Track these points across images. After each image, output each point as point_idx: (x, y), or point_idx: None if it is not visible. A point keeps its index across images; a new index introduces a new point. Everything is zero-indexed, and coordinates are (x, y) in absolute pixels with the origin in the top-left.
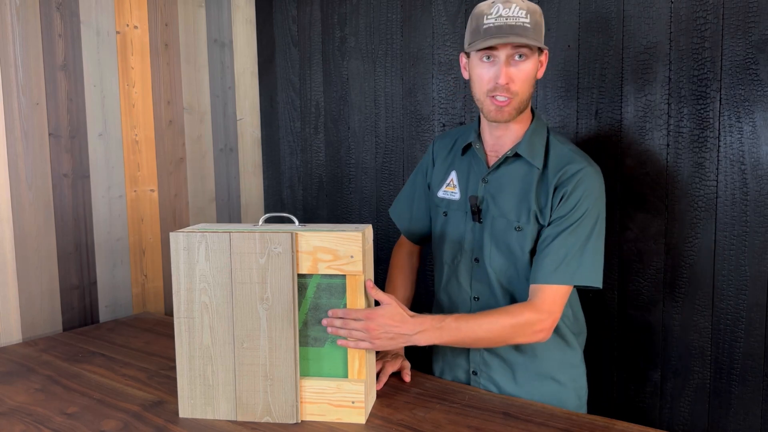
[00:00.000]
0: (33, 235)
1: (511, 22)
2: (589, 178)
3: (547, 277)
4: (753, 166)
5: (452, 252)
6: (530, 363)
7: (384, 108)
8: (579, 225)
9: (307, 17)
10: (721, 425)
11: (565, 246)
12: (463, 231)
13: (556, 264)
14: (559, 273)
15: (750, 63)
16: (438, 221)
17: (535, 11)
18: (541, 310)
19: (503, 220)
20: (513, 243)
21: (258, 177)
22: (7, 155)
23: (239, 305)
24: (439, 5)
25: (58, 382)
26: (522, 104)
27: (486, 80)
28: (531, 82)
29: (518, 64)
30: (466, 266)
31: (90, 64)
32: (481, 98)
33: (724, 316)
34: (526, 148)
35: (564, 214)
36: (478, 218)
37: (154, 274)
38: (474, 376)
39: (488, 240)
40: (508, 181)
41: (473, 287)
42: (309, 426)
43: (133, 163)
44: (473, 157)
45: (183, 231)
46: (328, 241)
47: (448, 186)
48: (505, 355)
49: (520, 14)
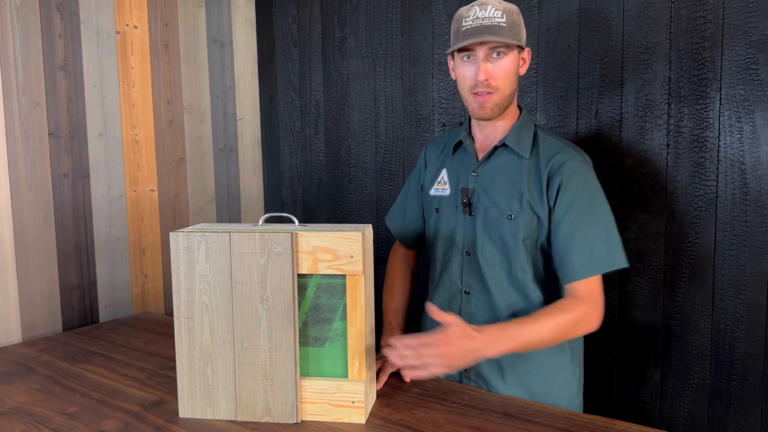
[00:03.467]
0: (33, 235)
1: (487, 23)
2: (582, 165)
3: (583, 272)
4: (753, 166)
5: (444, 247)
6: (517, 359)
7: (384, 108)
8: (594, 212)
9: (307, 17)
10: (721, 425)
11: (589, 237)
12: (454, 225)
13: (588, 257)
14: (593, 265)
15: (750, 63)
16: (431, 219)
17: (511, 11)
18: (589, 301)
19: (495, 210)
20: (506, 232)
21: (258, 177)
22: (7, 155)
23: (239, 305)
24: (439, 5)
25: (58, 382)
26: (504, 100)
27: (468, 78)
28: (512, 78)
29: (496, 61)
30: (457, 260)
31: (90, 64)
32: (465, 96)
33: (724, 316)
34: (513, 139)
35: (570, 204)
36: (469, 211)
37: (154, 274)
38: (465, 373)
39: (481, 231)
40: (499, 172)
41: (464, 281)
42: (309, 426)
43: (133, 163)
44: (464, 153)
45: (183, 231)
46: (328, 241)
47: (439, 183)
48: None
49: (495, 15)
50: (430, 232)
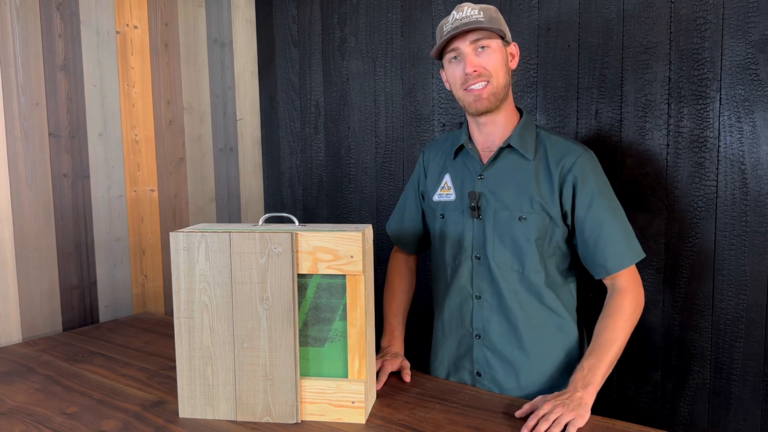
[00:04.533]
0: (33, 235)
1: (465, 21)
2: (592, 161)
3: (620, 263)
4: (753, 166)
5: (452, 252)
6: (534, 361)
7: (384, 108)
8: (612, 207)
9: (307, 17)
10: (721, 425)
11: (616, 230)
12: (462, 230)
13: (621, 248)
14: (628, 255)
15: (750, 63)
16: (436, 225)
17: (488, 9)
18: (630, 289)
19: (506, 212)
20: (518, 234)
21: (258, 177)
22: (7, 155)
23: (239, 305)
24: (439, 5)
25: (58, 382)
26: (499, 90)
27: (458, 75)
28: (503, 69)
29: (481, 54)
30: (466, 265)
31: (90, 64)
32: (460, 95)
33: (724, 316)
34: (518, 141)
35: (591, 200)
36: (477, 214)
37: (154, 274)
38: (478, 378)
39: (491, 234)
40: (506, 174)
41: (474, 285)
42: (309, 426)
43: (133, 163)
44: (466, 157)
45: (183, 231)
46: (328, 241)
47: (442, 189)
48: (509, 356)
49: (473, 13)
50: (435, 237)
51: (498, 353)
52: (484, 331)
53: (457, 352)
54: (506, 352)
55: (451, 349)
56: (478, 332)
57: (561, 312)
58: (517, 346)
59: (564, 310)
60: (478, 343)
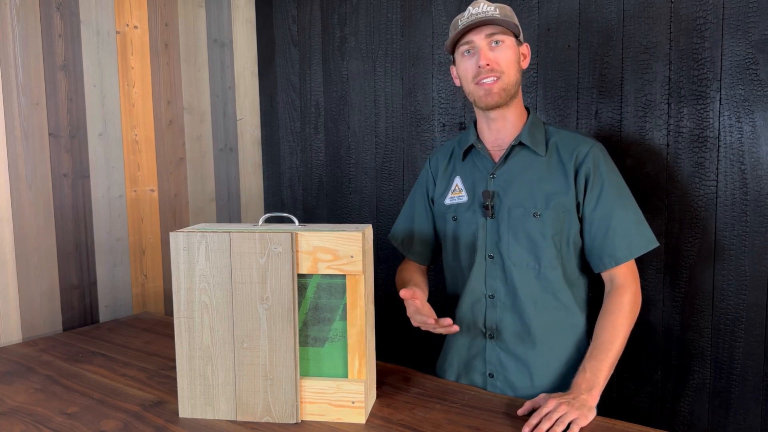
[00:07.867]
0: (33, 235)
1: (481, 16)
2: (602, 152)
3: (625, 255)
4: (753, 166)
5: (467, 252)
6: (548, 360)
7: (384, 108)
8: (623, 197)
9: (307, 17)
10: (721, 425)
11: (623, 221)
12: (476, 229)
13: (627, 240)
14: (632, 247)
15: (750, 63)
16: (448, 228)
17: (504, 7)
18: (627, 284)
19: (520, 209)
20: (533, 230)
21: (258, 177)
22: (7, 155)
23: (239, 305)
24: (439, 5)
25: (58, 382)
26: (509, 86)
27: (470, 69)
28: (515, 67)
29: (495, 49)
30: (479, 265)
31: (90, 64)
32: (470, 89)
33: (724, 316)
34: (528, 138)
35: (600, 190)
36: (490, 213)
37: (154, 274)
38: (491, 379)
39: (506, 232)
40: (518, 171)
41: (488, 284)
42: (309, 426)
43: (133, 163)
44: (476, 156)
45: (183, 231)
46: (328, 241)
47: (454, 192)
48: (522, 356)
49: (488, 9)
50: (448, 239)
51: (511, 353)
52: (497, 331)
53: (468, 353)
54: (519, 351)
55: (461, 351)
56: (491, 332)
57: (573, 308)
58: (531, 345)
59: (575, 306)
60: (491, 343)
